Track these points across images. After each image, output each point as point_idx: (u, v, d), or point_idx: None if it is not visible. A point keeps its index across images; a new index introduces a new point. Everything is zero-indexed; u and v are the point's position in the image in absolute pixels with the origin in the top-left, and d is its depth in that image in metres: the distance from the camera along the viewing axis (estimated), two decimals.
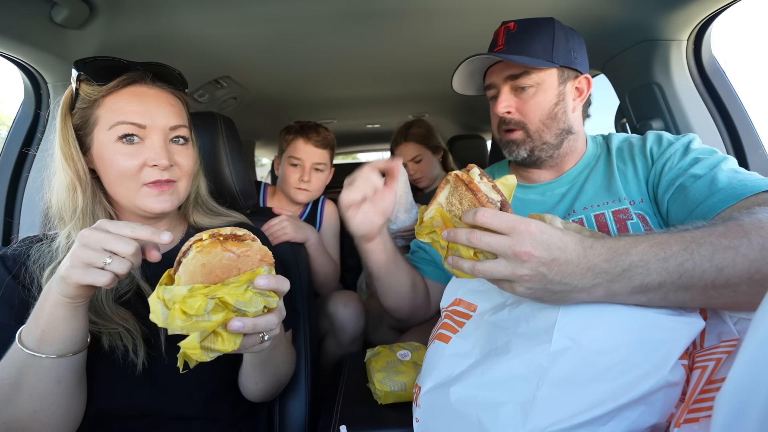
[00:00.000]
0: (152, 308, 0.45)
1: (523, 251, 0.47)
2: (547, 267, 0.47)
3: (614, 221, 0.77)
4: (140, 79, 0.67)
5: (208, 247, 0.48)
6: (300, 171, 1.33)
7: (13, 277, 0.63)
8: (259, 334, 0.51)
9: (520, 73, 0.79)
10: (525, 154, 0.84)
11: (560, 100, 0.81)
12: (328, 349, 1.29)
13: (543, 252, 0.47)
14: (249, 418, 0.80)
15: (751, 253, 0.47)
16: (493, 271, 0.49)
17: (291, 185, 1.34)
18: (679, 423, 0.46)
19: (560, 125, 0.82)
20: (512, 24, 0.81)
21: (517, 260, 0.48)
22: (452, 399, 0.55)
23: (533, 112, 0.80)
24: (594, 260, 0.48)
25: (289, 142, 1.35)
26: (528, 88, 0.80)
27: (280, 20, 1.09)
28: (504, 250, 0.48)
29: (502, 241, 0.48)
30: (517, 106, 0.81)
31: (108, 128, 0.64)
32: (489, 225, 0.49)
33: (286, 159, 1.35)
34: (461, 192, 0.55)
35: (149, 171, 0.65)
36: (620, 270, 0.48)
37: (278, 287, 0.50)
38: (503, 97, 0.81)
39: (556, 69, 0.80)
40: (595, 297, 0.49)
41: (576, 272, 0.48)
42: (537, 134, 0.82)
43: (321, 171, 1.37)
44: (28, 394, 0.54)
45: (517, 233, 0.48)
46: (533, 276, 0.48)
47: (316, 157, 1.34)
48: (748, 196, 0.61)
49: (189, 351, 0.46)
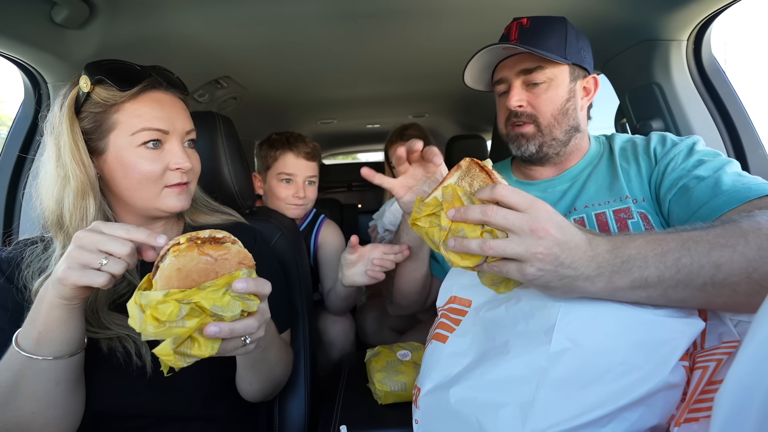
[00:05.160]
0: (130, 313, 0.45)
1: (540, 227, 0.47)
2: (560, 248, 0.47)
3: (615, 220, 0.77)
4: (158, 85, 0.68)
5: (185, 251, 0.47)
6: (294, 187, 1.26)
7: (8, 280, 0.63)
8: (239, 337, 0.50)
9: (533, 68, 0.79)
10: (534, 149, 0.83)
11: (571, 97, 0.81)
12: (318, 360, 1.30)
13: (558, 232, 0.47)
14: (248, 418, 0.79)
15: (749, 252, 0.47)
16: (506, 248, 0.47)
17: (284, 201, 1.26)
18: (680, 422, 0.46)
19: (570, 122, 0.82)
20: (525, 20, 0.81)
21: (533, 236, 0.47)
22: (452, 400, 0.55)
23: (545, 107, 0.80)
24: (597, 249, 0.49)
25: (276, 157, 1.26)
26: (541, 84, 0.80)
27: (280, 20, 1.09)
28: (521, 225, 0.47)
29: (519, 216, 0.47)
30: (529, 100, 0.81)
31: (131, 134, 0.64)
32: (507, 199, 0.48)
33: (275, 176, 1.27)
34: (474, 173, 0.54)
35: (171, 174, 0.68)
36: (620, 261, 0.48)
37: (258, 290, 0.49)
38: (516, 91, 0.81)
39: (568, 66, 0.80)
40: (598, 288, 0.49)
41: (583, 258, 0.48)
42: (548, 129, 0.82)
43: (313, 183, 1.32)
44: (26, 396, 0.54)
45: (535, 209, 0.48)
46: (546, 255, 0.47)
47: (309, 170, 1.28)
48: (751, 200, 0.61)
49: (163, 357, 0.45)
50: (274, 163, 1.27)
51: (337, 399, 0.85)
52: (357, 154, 4.64)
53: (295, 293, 0.96)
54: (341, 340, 1.35)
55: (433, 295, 0.96)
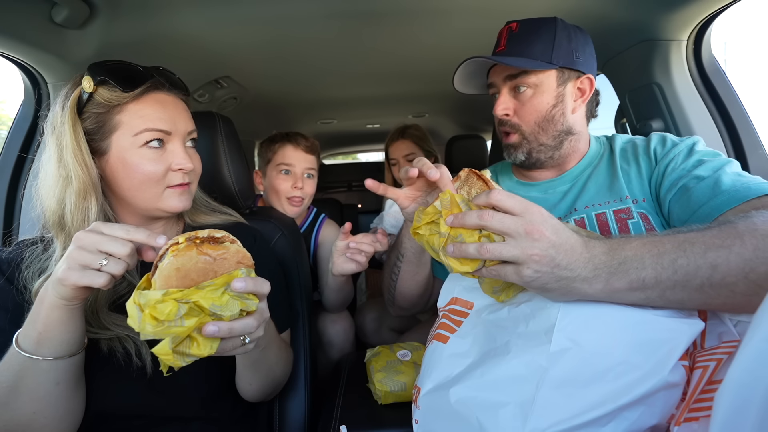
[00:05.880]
0: (129, 313, 0.45)
1: (535, 229, 0.48)
2: (555, 249, 0.48)
3: (615, 220, 0.77)
4: (161, 86, 0.68)
5: (183, 251, 0.47)
6: (292, 178, 1.28)
7: (8, 281, 0.63)
8: (238, 337, 0.50)
9: (518, 74, 0.80)
10: (523, 156, 0.84)
11: (558, 102, 0.81)
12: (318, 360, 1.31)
13: (553, 234, 0.48)
14: (248, 418, 0.79)
15: (745, 252, 0.47)
16: (503, 250, 0.49)
17: (283, 194, 1.28)
18: (680, 422, 0.47)
19: (558, 127, 0.82)
20: (515, 24, 0.81)
21: (528, 239, 0.48)
22: (452, 400, 0.55)
23: (529, 115, 0.81)
24: (594, 251, 0.50)
25: (275, 150, 1.31)
26: (526, 90, 0.80)
27: (280, 20, 1.09)
28: (516, 228, 0.48)
29: (515, 219, 0.49)
30: (515, 107, 0.82)
31: (134, 134, 0.65)
32: (503, 203, 0.50)
33: (275, 168, 1.30)
34: (472, 182, 0.57)
35: (173, 175, 0.68)
36: (617, 263, 0.49)
37: (256, 290, 0.49)
38: (502, 99, 0.82)
39: (555, 70, 0.80)
40: (596, 290, 0.50)
41: (580, 260, 0.49)
42: (533, 136, 0.82)
43: (312, 177, 1.33)
44: (26, 396, 0.54)
45: (530, 213, 0.49)
46: (543, 257, 0.48)
47: (308, 162, 1.30)
48: (750, 199, 0.61)
49: (162, 356, 0.45)
50: (273, 156, 1.31)
51: (337, 399, 0.85)
52: (357, 154, 4.64)
53: (295, 293, 0.96)
54: (341, 340, 1.36)
55: (435, 296, 0.95)
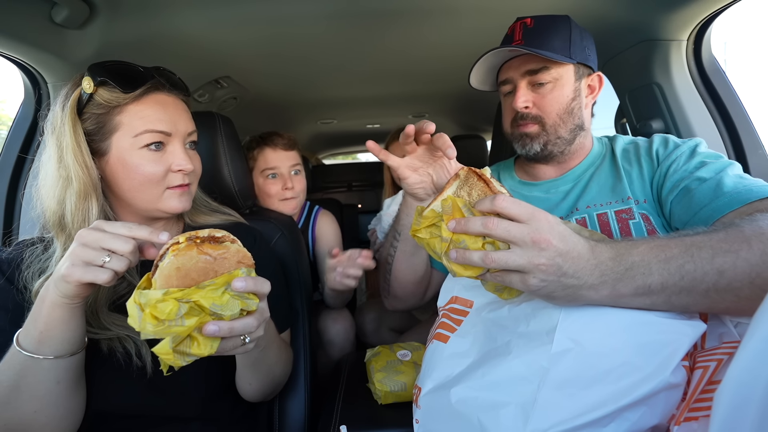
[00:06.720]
0: (130, 312, 0.45)
1: (542, 238, 0.46)
2: (562, 258, 0.47)
3: (616, 221, 0.77)
4: (161, 86, 0.68)
5: (184, 251, 0.47)
6: (281, 180, 1.27)
7: (8, 281, 0.63)
8: (239, 336, 0.51)
9: (539, 69, 0.79)
10: (538, 148, 0.84)
11: (576, 96, 0.82)
12: (318, 360, 1.32)
13: (560, 242, 0.47)
14: (248, 418, 0.79)
15: (752, 257, 0.47)
16: (508, 260, 0.47)
17: (275, 198, 1.27)
18: (680, 421, 0.47)
19: (575, 120, 0.82)
20: (529, 20, 0.81)
21: (535, 248, 0.46)
22: (453, 400, 0.55)
23: (551, 107, 0.81)
24: (601, 257, 0.48)
25: (256, 157, 1.28)
26: (546, 84, 0.80)
27: (280, 20, 1.09)
28: (522, 237, 0.46)
29: (521, 228, 0.47)
30: (534, 100, 0.82)
31: (134, 135, 0.65)
32: (508, 210, 0.48)
33: (260, 174, 1.28)
34: (472, 182, 0.54)
35: (173, 176, 0.69)
36: (623, 269, 0.48)
37: (257, 289, 0.49)
38: (521, 92, 0.82)
39: (573, 65, 0.81)
40: (602, 296, 0.49)
41: (587, 267, 0.48)
42: (553, 128, 0.82)
43: (299, 173, 1.33)
44: (27, 395, 0.54)
45: (536, 220, 0.47)
46: (549, 266, 0.46)
47: (290, 160, 1.29)
48: (752, 201, 0.61)
49: (162, 356, 0.45)
50: (255, 163, 1.29)
51: (337, 399, 0.85)
52: (357, 154, 4.64)
53: (295, 293, 0.96)
54: (341, 340, 1.36)
55: (432, 289, 0.95)
